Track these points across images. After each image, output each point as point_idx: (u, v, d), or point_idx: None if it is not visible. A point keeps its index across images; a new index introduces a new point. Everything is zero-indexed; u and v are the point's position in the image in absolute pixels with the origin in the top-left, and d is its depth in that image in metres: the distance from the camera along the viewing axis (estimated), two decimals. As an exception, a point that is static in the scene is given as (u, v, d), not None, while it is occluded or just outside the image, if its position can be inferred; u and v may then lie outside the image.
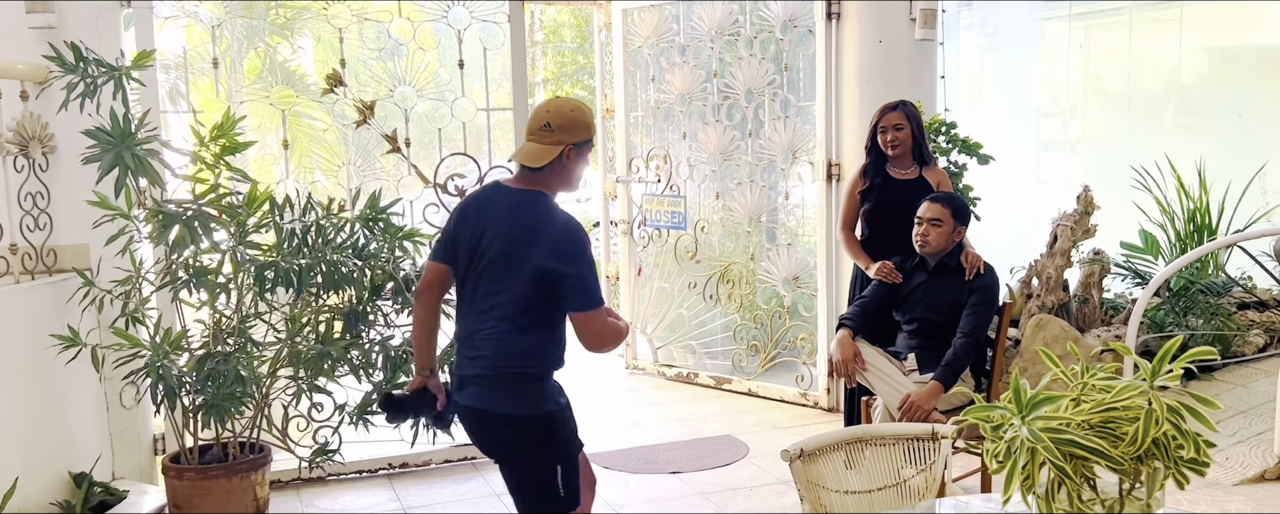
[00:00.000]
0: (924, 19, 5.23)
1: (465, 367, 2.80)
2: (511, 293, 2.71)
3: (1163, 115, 7.45)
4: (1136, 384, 1.71)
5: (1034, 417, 1.70)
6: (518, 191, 2.78)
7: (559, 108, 2.77)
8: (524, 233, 2.70)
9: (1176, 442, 1.68)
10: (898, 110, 4.31)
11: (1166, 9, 6.99)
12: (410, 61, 4.72)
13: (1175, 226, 6.33)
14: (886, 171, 4.35)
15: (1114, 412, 1.70)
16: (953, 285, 3.98)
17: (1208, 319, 5.60)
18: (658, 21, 6.22)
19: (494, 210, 2.77)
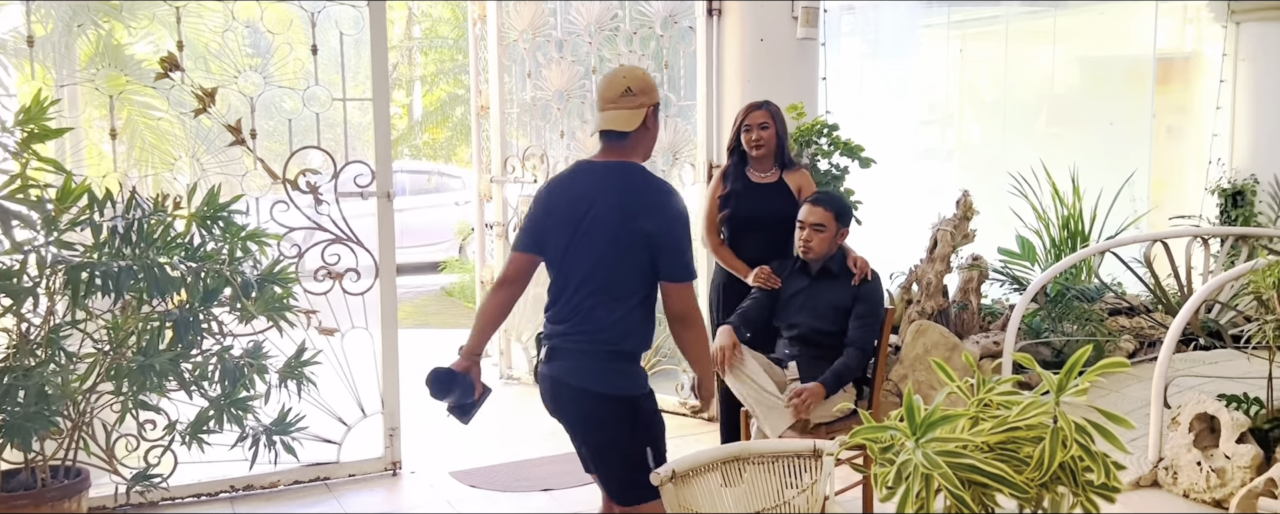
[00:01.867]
0: (806, 18, 5.10)
1: (560, 340, 2.81)
2: (614, 267, 2.72)
3: (1035, 124, 7.55)
4: (1040, 401, 1.51)
5: (929, 438, 1.49)
6: (613, 164, 2.79)
7: (632, 72, 2.80)
8: (629, 202, 2.71)
9: (1084, 464, 1.50)
10: (763, 109, 4.16)
11: (1041, 20, 7.08)
12: (257, 46, 4.32)
13: (1050, 233, 6.37)
14: (746, 175, 4.20)
15: (1016, 431, 1.51)
16: (835, 290, 3.84)
17: (1081, 325, 5.62)
18: (534, 15, 5.95)
19: (592, 186, 2.78)
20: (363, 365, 4.53)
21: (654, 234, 2.67)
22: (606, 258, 2.71)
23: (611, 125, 2.72)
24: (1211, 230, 6.11)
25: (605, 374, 2.75)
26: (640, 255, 2.68)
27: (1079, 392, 1.52)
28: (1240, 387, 4.47)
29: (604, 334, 2.73)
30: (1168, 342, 4.35)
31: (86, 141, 4.38)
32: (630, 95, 2.74)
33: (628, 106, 2.74)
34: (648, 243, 2.67)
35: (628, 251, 2.69)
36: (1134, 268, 5.82)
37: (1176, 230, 6.21)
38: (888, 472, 1.52)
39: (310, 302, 4.27)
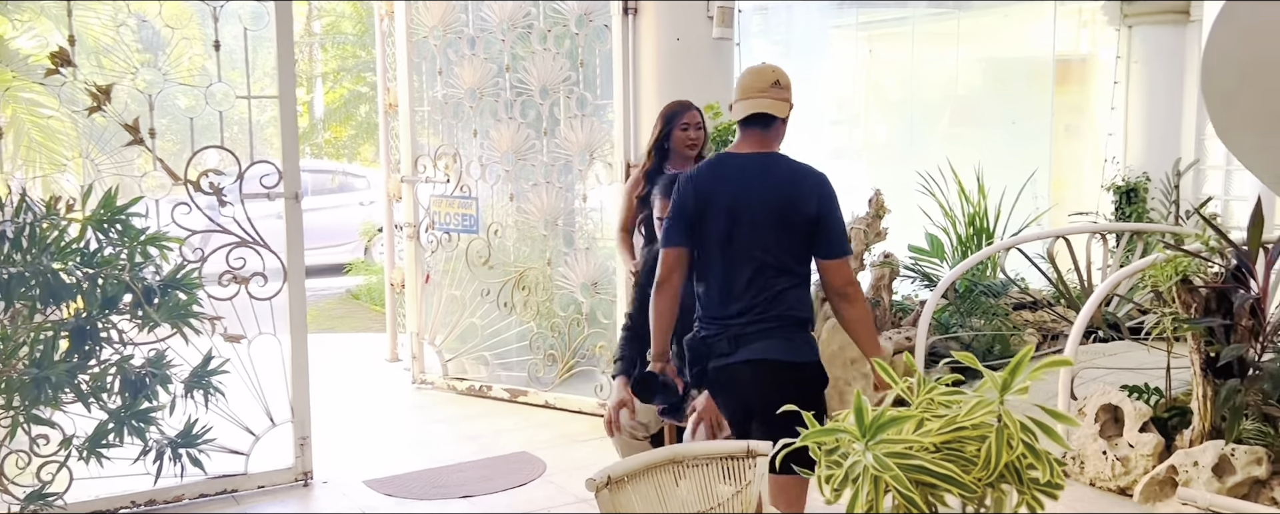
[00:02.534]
0: (721, 18, 5.11)
1: (749, 325, 2.92)
2: (782, 247, 2.90)
3: (941, 124, 7.73)
4: (988, 399, 1.52)
5: (878, 440, 1.48)
6: (759, 154, 2.97)
7: (777, 69, 3.03)
8: (790, 189, 2.90)
9: (1027, 462, 1.50)
10: (695, 110, 4.23)
11: (945, 22, 7.24)
12: (154, 41, 4.13)
13: (957, 230, 6.52)
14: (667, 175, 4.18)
15: (962, 431, 1.51)
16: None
17: (989, 320, 5.77)
18: (444, 11, 5.83)
19: (743, 175, 2.94)
20: (271, 373, 4.38)
21: (820, 216, 2.88)
22: (780, 242, 2.90)
23: (767, 109, 2.93)
24: (1109, 226, 6.34)
25: (800, 345, 2.96)
26: (805, 236, 2.90)
27: (1021, 391, 1.52)
28: (1141, 377, 4.63)
29: (792, 310, 2.93)
30: (1073, 335, 4.48)
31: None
32: (779, 88, 2.97)
33: (777, 97, 2.95)
34: (813, 224, 2.88)
35: (796, 234, 2.89)
36: (1037, 263, 5.99)
37: (1076, 227, 6.42)
38: (836, 474, 1.51)
39: (215, 307, 4.10)
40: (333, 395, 5.91)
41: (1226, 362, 3.94)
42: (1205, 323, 3.95)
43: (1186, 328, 4.03)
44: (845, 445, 1.52)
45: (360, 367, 6.92)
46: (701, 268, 3.03)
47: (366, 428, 5.50)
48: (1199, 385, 4.08)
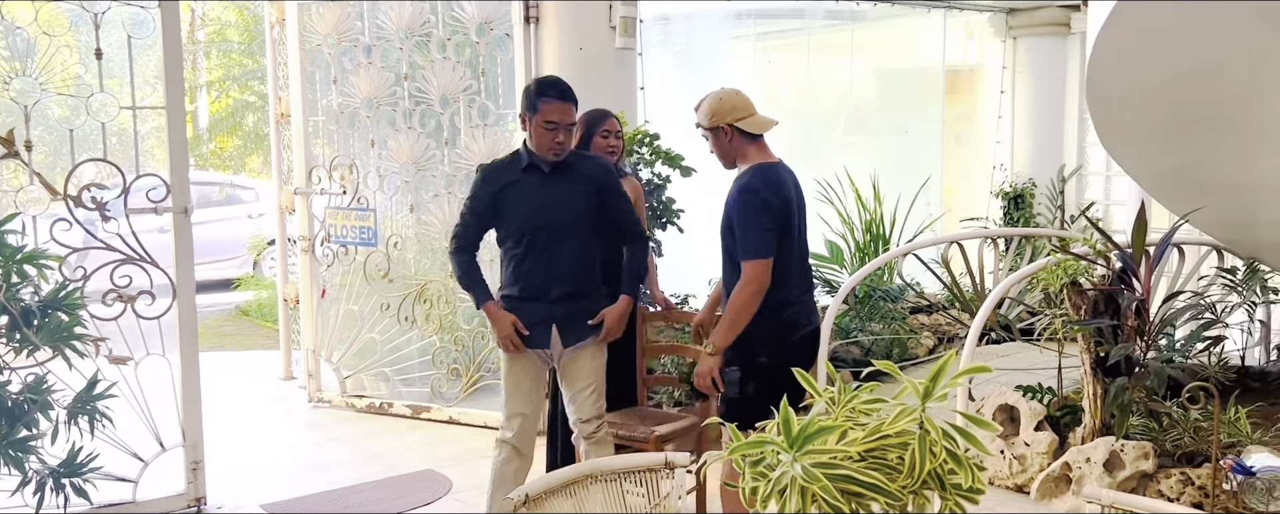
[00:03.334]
0: (624, 28, 5.11)
1: (809, 302, 3.55)
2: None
3: (836, 132, 7.88)
4: (910, 406, 1.53)
5: (805, 451, 1.48)
6: (782, 163, 3.48)
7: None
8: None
9: (949, 468, 1.52)
10: (614, 117, 4.20)
11: (840, 33, 7.39)
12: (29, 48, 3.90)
13: (855, 236, 6.65)
14: None
15: (886, 439, 1.51)
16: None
17: (887, 324, 5.90)
18: (339, 19, 5.68)
19: (793, 180, 3.47)
20: (160, 395, 4.18)
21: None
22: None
23: (769, 129, 3.46)
24: (999, 232, 6.55)
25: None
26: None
27: (939, 398, 1.54)
28: (1034, 377, 4.78)
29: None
30: (970, 337, 4.60)
31: None
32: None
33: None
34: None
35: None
36: (933, 268, 6.15)
37: (969, 232, 6.62)
38: (764, 486, 1.50)
39: (99, 328, 3.90)
40: (225, 417, 5.69)
41: (1114, 361, 4.10)
42: (1094, 324, 4.10)
43: (1077, 329, 4.18)
44: (772, 457, 1.51)
45: (253, 386, 6.68)
46: (784, 261, 3.33)
47: (262, 450, 5.30)
48: (1089, 384, 4.23)
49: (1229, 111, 4.00)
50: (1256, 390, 4.77)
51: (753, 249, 3.23)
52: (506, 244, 3.60)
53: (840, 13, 7.02)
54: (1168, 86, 4.01)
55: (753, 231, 3.25)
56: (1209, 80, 3.90)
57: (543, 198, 3.56)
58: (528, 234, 3.53)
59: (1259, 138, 4.11)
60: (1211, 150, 4.29)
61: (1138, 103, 4.13)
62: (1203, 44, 3.66)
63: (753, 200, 3.27)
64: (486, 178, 3.61)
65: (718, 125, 3.42)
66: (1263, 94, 3.86)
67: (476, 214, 3.59)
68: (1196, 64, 3.75)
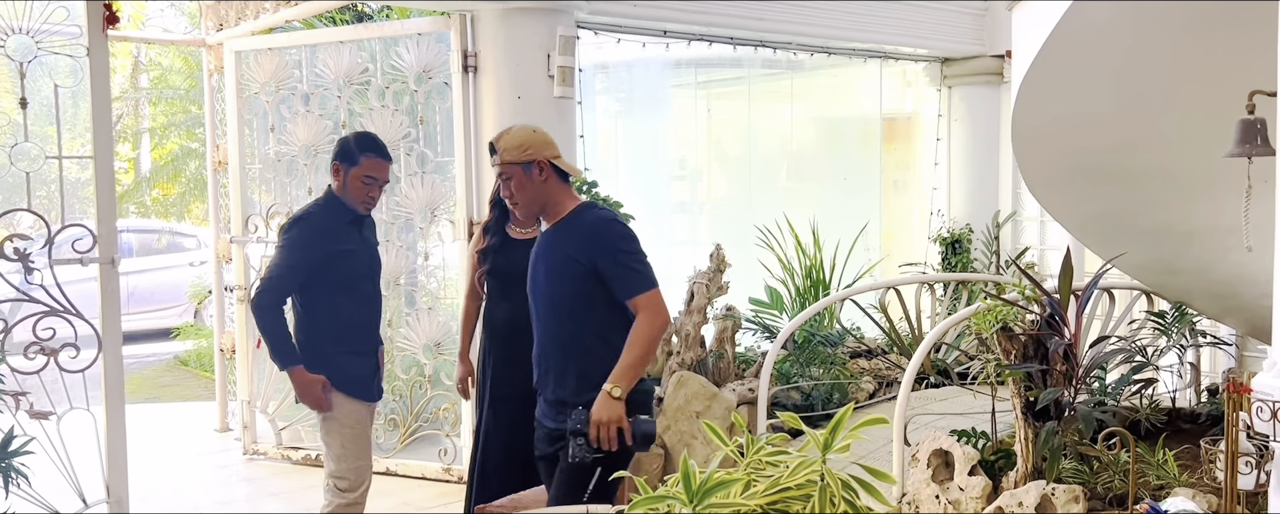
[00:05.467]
0: (562, 77, 5.15)
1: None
2: None
3: (778, 179, 7.97)
4: (810, 458, 1.54)
5: (706, 505, 1.48)
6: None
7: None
8: None
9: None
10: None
11: (779, 81, 7.51)
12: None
13: (795, 282, 6.70)
14: (505, 230, 4.13)
15: (787, 491, 1.52)
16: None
17: (827, 369, 5.93)
18: (277, 67, 5.67)
19: None
20: (84, 450, 4.07)
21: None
22: None
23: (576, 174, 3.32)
24: (936, 277, 6.64)
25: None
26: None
27: (842, 449, 1.55)
28: (969, 421, 4.83)
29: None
30: (905, 383, 4.65)
31: None
32: None
33: None
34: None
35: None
36: (871, 313, 6.22)
37: (905, 277, 6.71)
38: (666, 541, 1.49)
39: (21, 382, 3.80)
40: (156, 471, 5.56)
41: (1044, 405, 4.15)
42: (1023, 368, 4.16)
43: (1007, 373, 4.24)
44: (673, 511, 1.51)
45: (187, 438, 6.53)
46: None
47: (193, 504, 5.18)
48: (1021, 428, 4.28)
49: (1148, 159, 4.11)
50: (1188, 432, 4.86)
51: (649, 278, 3.05)
52: (332, 296, 3.60)
53: (778, 62, 7.14)
54: (1087, 135, 4.12)
55: (641, 261, 3.07)
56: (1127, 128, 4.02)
57: (369, 250, 3.73)
58: (359, 285, 3.63)
59: (1178, 185, 4.23)
60: (1133, 196, 4.41)
61: (1060, 150, 4.24)
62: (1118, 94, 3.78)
63: (626, 231, 3.10)
64: (318, 230, 3.59)
65: (534, 160, 3.06)
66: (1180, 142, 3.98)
67: (299, 266, 3.56)
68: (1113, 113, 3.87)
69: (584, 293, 3.02)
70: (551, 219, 3.12)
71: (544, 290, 3.10)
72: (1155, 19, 3.30)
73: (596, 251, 3.00)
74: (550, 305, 3.09)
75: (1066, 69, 3.71)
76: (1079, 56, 3.60)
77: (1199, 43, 3.36)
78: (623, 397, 2.90)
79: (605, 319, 3.03)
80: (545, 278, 3.09)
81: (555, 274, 3.06)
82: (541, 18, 5.11)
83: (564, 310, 3.05)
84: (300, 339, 3.63)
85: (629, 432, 2.91)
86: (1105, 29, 3.44)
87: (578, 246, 3.02)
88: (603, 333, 3.02)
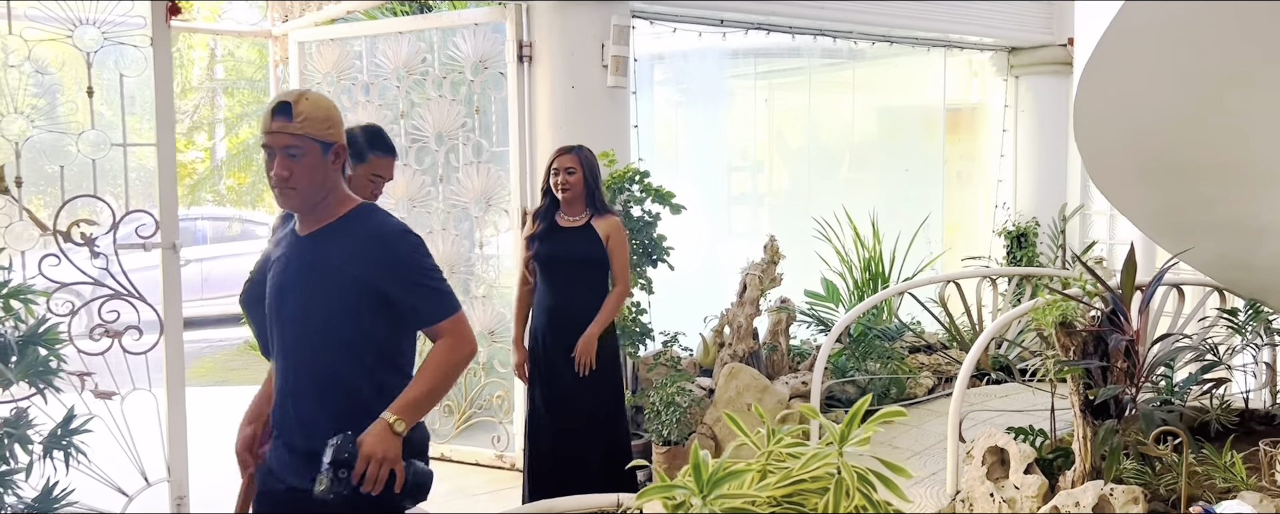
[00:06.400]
0: (615, 66, 5.15)
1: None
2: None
3: (839, 170, 7.87)
4: (824, 451, 1.51)
5: (717, 495, 1.46)
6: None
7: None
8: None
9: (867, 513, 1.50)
10: (571, 154, 4.15)
11: (841, 71, 7.41)
12: (23, 86, 3.98)
13: (853, 275, 6.62)
14: (554, 218, 4.18)
15: (802, 484, 1.49)
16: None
17: (884, 363, 5.85)
18: (339, 57, 5.76)
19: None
20: (147, 430, 4.20)
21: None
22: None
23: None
24: (998, 271, 6.50)
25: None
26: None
27: (861, 441, 1.52)
28: (1029, 419, 4.72)
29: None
30: (960, 379, 4.56)
31: None
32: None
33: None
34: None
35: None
36: (929, 308, 6.11)
37: (966, 271, 6.57)
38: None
39: (86, 363, 3.93)
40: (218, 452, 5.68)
41: (1103, 402, 4.04)
42: (1082, 364, 4.05)
43: (1066, 370, 4.13)
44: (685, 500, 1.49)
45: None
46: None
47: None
48: (1079, 426, 4.17)
49: (1214, 152, 3.96)
50: (1260, 434, 4.69)
51: (454, 300, 2.55)
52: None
53: (838, 52, 7.05)
54: (1151, 126, 3.99)
55: (442, 279, 2.55)
56: (1198, 118, 3.88)
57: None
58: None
59: (1247, 179, 4.07)
60: (1200, 190, 4.25)
61: (1124, 142, 4.10)
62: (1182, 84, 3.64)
63: (419, 243, 2.55)
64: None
65: (337, 141, 2.44)
66: (1248, 135, 3.83)
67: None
68: (1177, 104, 3.73)
69: (352, 314, 2.40)
70: (322, 219, 2.44)
71: (293, 309, 2.44)
72: (1218, 6, 3.17)
73: (382, 267, 2.39)
74: (302, 327, 2.43)
75: (1128, 59, 3.59)
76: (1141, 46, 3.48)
77: (1267, 30, 3.22)
78: (404, 433, 2.34)
79: (375, 350, 2.43)
80: (296, 292, 2.44)
81: (315, 289, 2.41)
82: (596, 7, 5.11)
83: (320, 334, 2.41)
84: None
85: (401, 477, 2.34)
86: (1167, 17, 3.31)
87: (352, 257, 2.39)
88: (370, 367, 2.43)
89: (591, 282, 4.09)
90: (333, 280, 2.38)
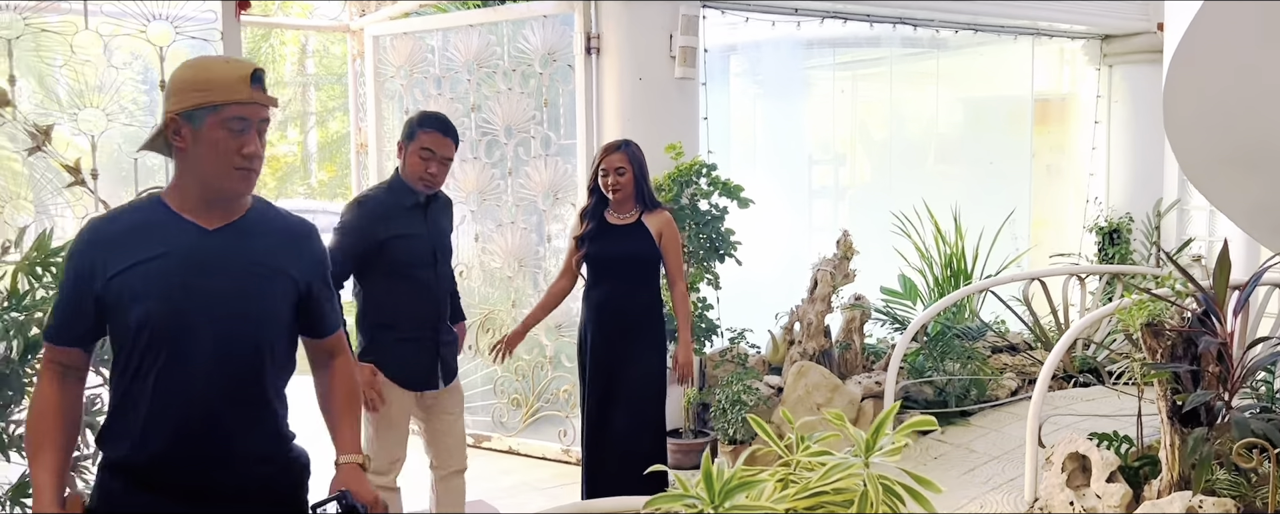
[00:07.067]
0: (684, 57, 5.06)
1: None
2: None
3: (924, 162, 7.64)
4: (849, 461, 1.41)
5: (731, 506, 1.38)
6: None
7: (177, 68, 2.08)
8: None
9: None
10: (620, 152, 3.98)
11: (923, 61, 7.18)
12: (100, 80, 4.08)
13: (933, 272, 6.41)
14: (603, 215, 4.06)
15: (824, 496, 1.40)
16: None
17: (963, 363, 5.64)
18: (411, 51, 5.79)
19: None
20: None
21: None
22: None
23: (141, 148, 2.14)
24: (1086, 268, 6.22)
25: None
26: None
27: (892, 452, 1.42)
28: (1115, 424, 4.49)
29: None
30: (1041, 381, 4.36)
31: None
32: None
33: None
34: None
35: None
36: (1013, 307, 5.87)
37: (1052, 269, 6.31)
38: (690, 543, 1.40)
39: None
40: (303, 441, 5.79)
41: (1193, 409, 3.81)
42: (1169, 368, 3.83)
43: (1152, 374, 3.91)
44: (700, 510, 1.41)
45: (324, 411, 6.79)
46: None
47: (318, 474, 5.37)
48: (1167, 434, 3.94)
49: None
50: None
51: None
52: (387, 281, 3.45)
53: (920, 41, 6.82)
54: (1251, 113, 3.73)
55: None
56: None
57: (433, 235, 3.53)
58: (415, 271, 3.47)
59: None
60: (1305, 184, 3.98)
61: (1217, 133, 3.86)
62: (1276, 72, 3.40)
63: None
64: (372, 214, 3.43)
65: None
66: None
67: (350, 251, 3.38)
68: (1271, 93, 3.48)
69: (285, 323, 2.16)
70: (231, 213, 2.08)
71: (221, 320, 2.05)
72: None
73: (307, 265, 2.18)
74: (227, 343, 2.06)
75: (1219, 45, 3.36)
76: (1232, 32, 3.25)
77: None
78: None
79: (280, 365, 2.18)
80: (225, 298, 2.05)
81: (252, 293, 2.09)
82: (665, -3, 5.04)
83: (250, 347, 2.09)
84: (359, 325, 3.56)
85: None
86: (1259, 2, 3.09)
87: (287, 256, 2.14)
88: (278, 386, 2.20)
89: (643, 279, 4.01)
90: (272, 283, 2.12)
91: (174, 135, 2.00)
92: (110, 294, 2.01)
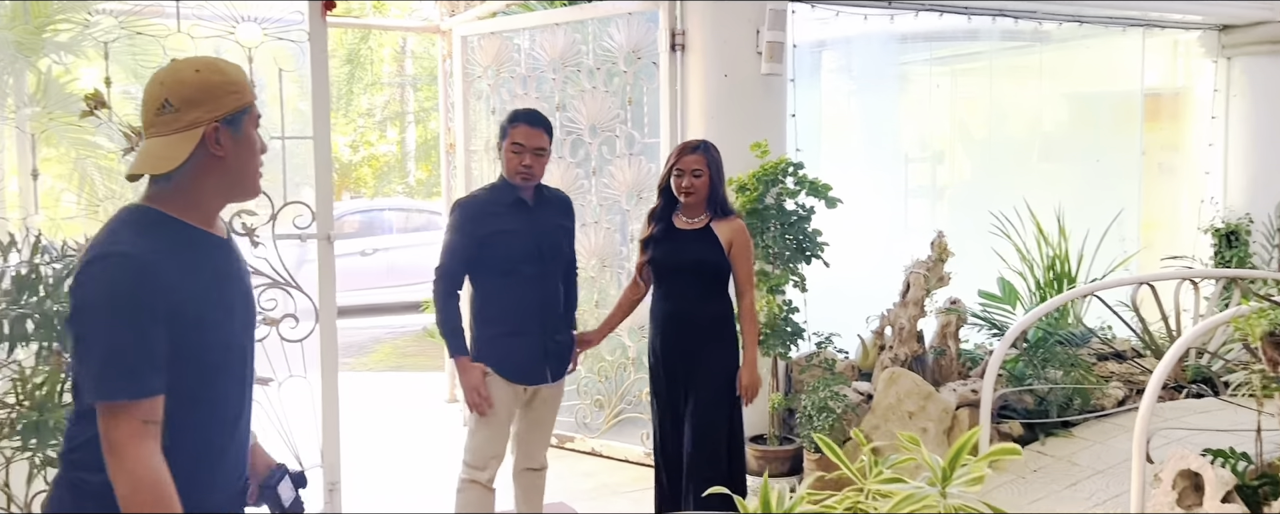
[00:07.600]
0: (771, 53, 4.92)
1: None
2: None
3: (1027, 161, 7.34)
4: (925, 491, 1.29)
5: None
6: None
7: (175, 73, 1.86)
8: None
9: (975, 567, 1.27)
10: (698, 153, 3.74)
11: (1025, 55, 6.89)
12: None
13: (1034, 275, 6.13)
14: (671, 219, 3.84)
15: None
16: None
17: (1066, 371, 5.37)
18: (498, 50, 5.79)
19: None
20: (301, 416, 4.32)
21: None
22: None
23: (140, 168, 1.86)
24: (1200, 272, 5.87)
25: None
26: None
27: (973, 480, 1.29)
28: (1230, 439, 4.21)
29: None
30: (1149, 392, 4.10)
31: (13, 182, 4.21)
32: (169, 112, 1.83)
33: (166, 131, 1.84)
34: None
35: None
36: (1120, 312, 5.57)
37: (1163, 272, 5.97)
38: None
39: (244, 349, 4.07)
40: (379, 437, 5.85)
41: (1318, 426, 3.53)
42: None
43: (1274, 386, 3.64)
44: (758, 540, 1.30)
45: (417, 407, 6.87)
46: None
47: (407, 471, 5.41)
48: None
49: None
50: None
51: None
52: (493, 278, 3.55)
53: (1020, 33, 6.53)
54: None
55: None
56: None
57: (537, 232, 3.57)
58: (519, 267, 3.53)
59: None
60: None
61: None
62: None
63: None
64: (474, 213, 3.55)
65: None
66: None
67: (458, 249, 3.54)
68: None
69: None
70: (211, 224, 1.98)
71: (247, 339, 2.06)
72: None
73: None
74: (245, 361, 2.06)
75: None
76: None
77: None
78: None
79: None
80: (243, 322, 2.04)
81: (252, 307, 2.13)
82: (752, -9, 4.91)
83: (250, 370, 2.11)
84: (472, 323, 3.64)
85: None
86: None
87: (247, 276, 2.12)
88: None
89: (710, 289, 3.76)
90: (252, 305, 2.13)
91: (215, 144, 1.86)
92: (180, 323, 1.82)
